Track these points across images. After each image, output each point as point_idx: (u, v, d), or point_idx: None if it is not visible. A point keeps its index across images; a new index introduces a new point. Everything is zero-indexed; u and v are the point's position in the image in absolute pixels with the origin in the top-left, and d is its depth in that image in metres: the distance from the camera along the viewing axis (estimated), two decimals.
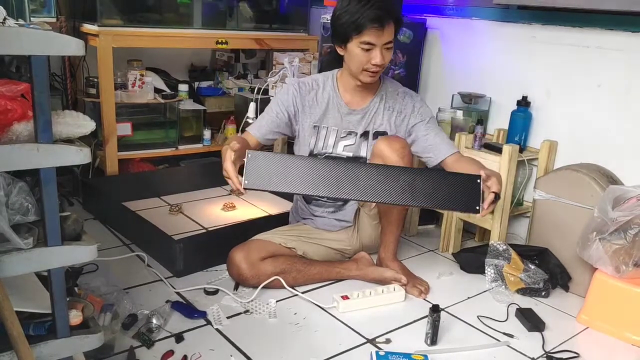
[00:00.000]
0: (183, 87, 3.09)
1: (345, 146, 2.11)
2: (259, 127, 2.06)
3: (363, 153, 2.11)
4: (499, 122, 2.54)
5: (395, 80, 2.21)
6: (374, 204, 2.09)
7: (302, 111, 2.09)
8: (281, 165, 1.55)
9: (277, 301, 1.92)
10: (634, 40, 2.13)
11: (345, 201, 2.19)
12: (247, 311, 1.86)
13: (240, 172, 1.64)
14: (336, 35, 1.96)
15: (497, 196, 1.64)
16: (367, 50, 1.90)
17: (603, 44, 2.21)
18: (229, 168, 1.65)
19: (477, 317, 1.92)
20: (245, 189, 1.59)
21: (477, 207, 1.61)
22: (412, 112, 2.07)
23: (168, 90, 3.01)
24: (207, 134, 3.11)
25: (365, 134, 2.10)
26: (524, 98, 2.39)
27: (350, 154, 2.12)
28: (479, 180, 1.63)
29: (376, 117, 2.08)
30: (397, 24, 1.93)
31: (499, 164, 2.24)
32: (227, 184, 2.80)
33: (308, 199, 2.23)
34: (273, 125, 2.06)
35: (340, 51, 1.99)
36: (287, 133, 2.13)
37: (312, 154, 2.14)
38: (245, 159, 1.57)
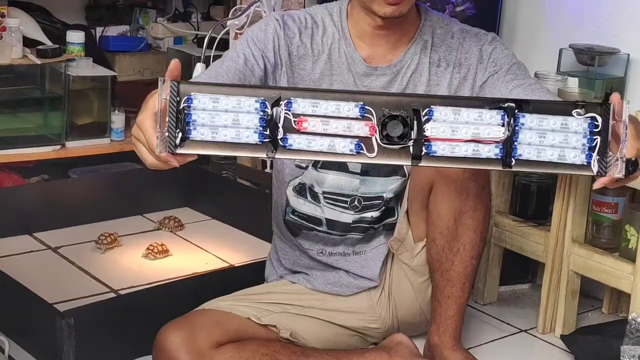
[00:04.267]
0: (75, 37, 2.98)
1: None
2: (214, 77, 1.88)
3: None
4: None
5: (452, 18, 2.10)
6: (420, 244, 2.03)
7: (286, 65, 1.98)
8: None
9: None
10: None
11: (366, 231, 2.07)
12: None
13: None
14: None
15: (633, 164, 1.42)
16: None
17: None
18: (145, 122, 1.43)
19: None
20: (176, 154, 1.40)
21: (592, 165, 1.44)
22: (479, 60, 2.00)
23: (49, 43, 2.92)
24: (117, 120, 3.01)
25: None
26: None
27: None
28: (597, 118, 1.44)
29: (416, 80, 2.00)
30: None
31: None
32: (153, 209, 2.99)
33: (293, 229, 2.11)
34: (237, 75, 1.88)
35: None
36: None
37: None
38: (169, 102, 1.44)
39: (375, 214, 2.08)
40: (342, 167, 2.05)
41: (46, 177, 2.99)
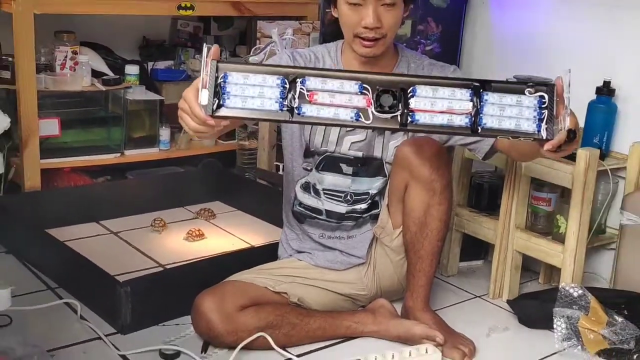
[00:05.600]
0: (132, 69, 3.11)
1: (352, 143, 2.12)
2: None
3: (377, 153, 2.13)
4: None
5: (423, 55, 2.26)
6: (398, 230, 2.12)
7: None
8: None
9: None
10: None
11: (356, 219, 2.18)
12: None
13: None
14: None
15: (573, 133, 1.56)
16: (356, 7, 1.93)
17: None
18: (189, 93, 1.57)
19: None
20: (214, 116, 1.52)
21: (542, 132, 1.54)
22: None
23: (111, 74, 3.03)
24: (164, 133, 3.12)
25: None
26: (606, 84, 2.37)
27: (360, 154, 2.13)
28: (545, 96, 1.54)
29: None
30: None
31: (571, 175, 2.20)
32: (192, 202, 3.09)
33: (300, 217, 2.22)
34: None
35: (334, 13, 2.05)
36: None
37: (307, 153, 2.17)
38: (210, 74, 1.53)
39: (363, 206, 2.18)
40: (337, 170, 2.16)
41: (109, 178, 3.18)
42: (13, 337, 1.84)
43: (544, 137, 1.54)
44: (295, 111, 1.53)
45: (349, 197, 2.17)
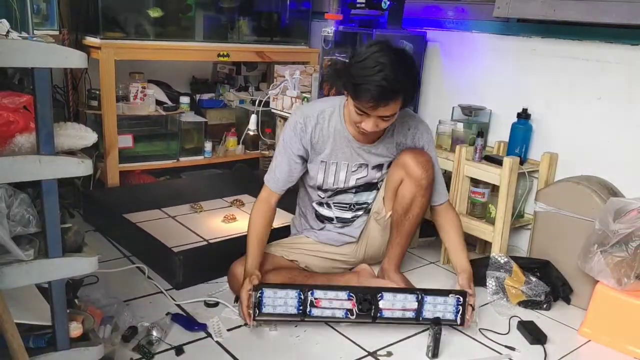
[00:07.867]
0: (184, 100, 3.15)
1: (357, 179, 2.09)
2: (276, 180, 2.03)
3: (375, 180, 2.11)
4: (499, 134, 2.55)
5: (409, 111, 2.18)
6: (389, 213, 2.10)
7: (310, 148, 2.03)
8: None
9: None
10: (634, 53, 2.15)
11: (353, 220, 2.16)
12: (247, 324, 1.86)
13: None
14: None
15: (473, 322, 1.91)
16: (361, 114, 1.85)
17: (603, 56, 2.23)
18: (244, 299, 1.78)
19: (479, 329, 1.92)
20: (255, 319, 1.76)
21: (457, 319, 1.87)
22: (421, 143, 2.07)
23: (169, 103, 3.06)
24: (208, 145, 3.14)
25: (379, 166, 2.09)
26: (524, 110, 2.39)
27: (362, 183, 2.10)
28: (460, 298, 1.85)
29: (388, 152, 2.07)
30: (405, 98, 1.82)
31: (499, 176, 2.25)
32: (228, 195, 3.10)
33: (320, 218, 2.19)
34: (288, 176, 2.04)
35: (345, 94, 1.95)
36: (303, 172, 2.09)
37: (320, 189, 2.12)
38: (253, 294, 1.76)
39: (362, 211, 2.18)
40: (345, 190, 2.10)
41: (168, 177, 3.23)
42: (99, 291, 1.88)
43: (458, 323, 1.87)
44: (308, 313, 1.79)
45: (352, 207, 2.14)
